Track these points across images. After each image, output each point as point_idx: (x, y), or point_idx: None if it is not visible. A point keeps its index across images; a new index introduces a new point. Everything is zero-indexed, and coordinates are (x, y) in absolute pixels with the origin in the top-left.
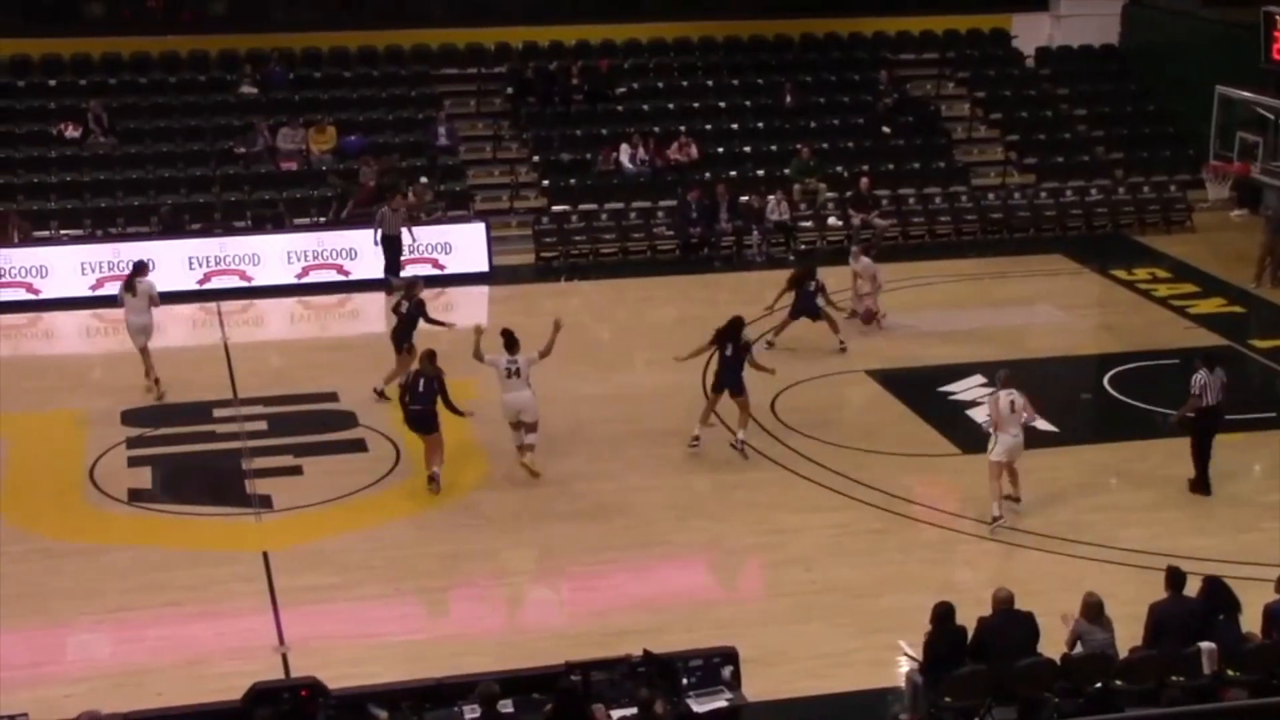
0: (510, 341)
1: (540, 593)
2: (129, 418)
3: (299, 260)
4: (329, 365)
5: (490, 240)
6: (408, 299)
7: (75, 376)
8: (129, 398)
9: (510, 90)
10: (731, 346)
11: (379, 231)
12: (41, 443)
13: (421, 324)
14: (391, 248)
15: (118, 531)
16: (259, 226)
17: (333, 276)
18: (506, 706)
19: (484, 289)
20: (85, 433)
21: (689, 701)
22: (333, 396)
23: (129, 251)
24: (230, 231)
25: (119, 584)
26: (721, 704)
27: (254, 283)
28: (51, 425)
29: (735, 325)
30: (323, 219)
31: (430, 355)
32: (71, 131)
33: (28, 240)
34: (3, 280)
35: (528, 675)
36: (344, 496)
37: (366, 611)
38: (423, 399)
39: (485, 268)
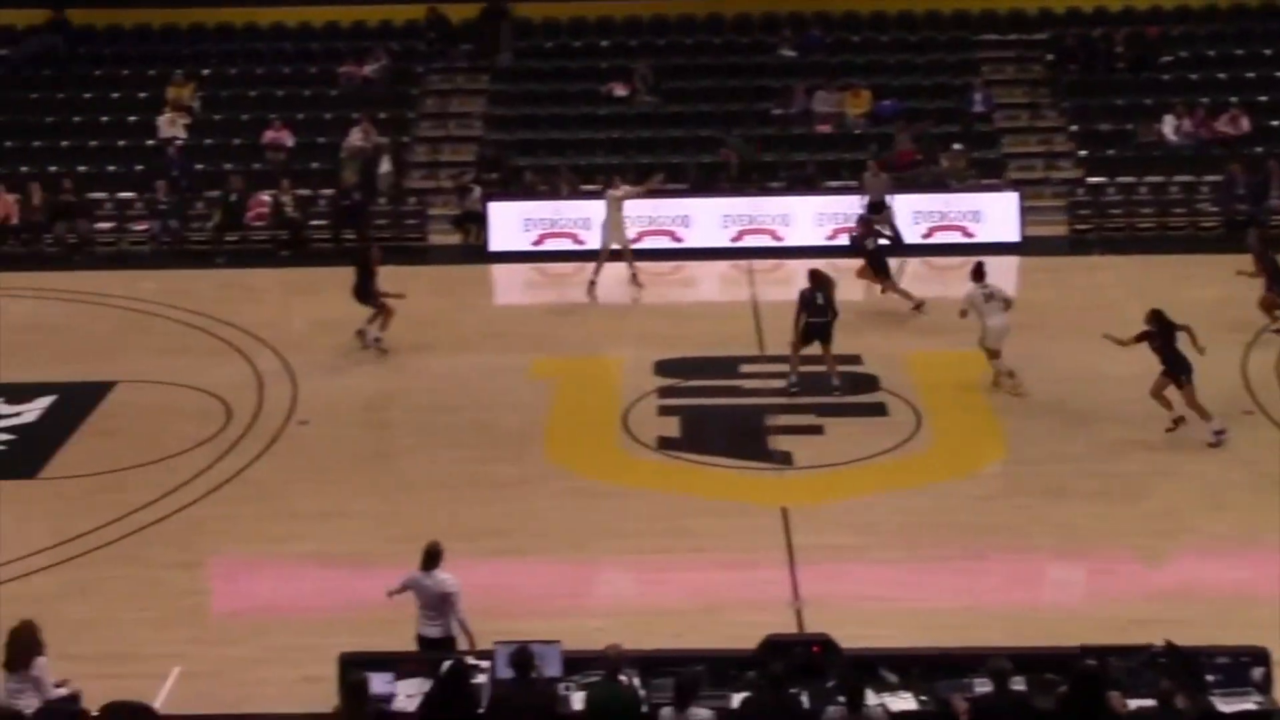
0: (978, 272)
1: (1057, 571)
2: (662, 368)
3: (829, 222)
4: (854, 328)
5: (1022, 210)
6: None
7: (614, 325)
8: (662, 348)
9: (1051, 57)
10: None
11: (865, 198)
12: (582, 387)
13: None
14: (875, 213)
15: (646, 476)
16: (792, 188)
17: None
18: (1018, 684)
19: (1013, 259)
20: (620, 380)
21: (1213, 699)
22: (856, 359)
23: (667, 207)
24: (764, 192)
25: (646, 527)
26: (1250, 706)
27: (784, 243)
28: (592, 371)
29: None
30: (854, 182)
31: (816, 272)
32: (619, 90)
33: (576, 194)
34: (552, 230)
35: (1041, 654)
36: (863, 459)
37: (880, 574)
38: (822, 311)
39: (1015, 238)
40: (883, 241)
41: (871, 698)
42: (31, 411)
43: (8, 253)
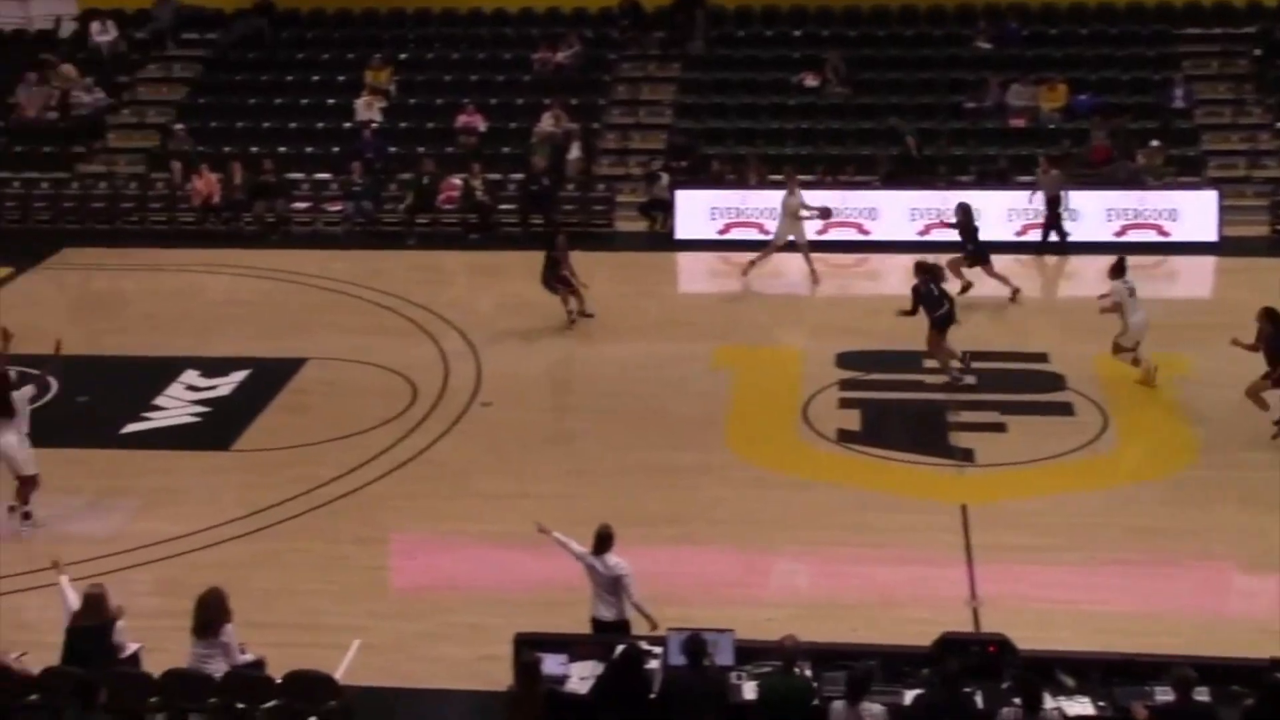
0: (1120, 268)
1: (1245, 581)
2: (844, 360)
3: (1017, 218)
4: (1042, 326)
5: (1221, 209)
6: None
7: (796, 315)
8: (845, 341)
9: (1258, 52)
10: None
11: (1038, 194)
12: (763, 377)
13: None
14: (1051, 210)
15: (825, 469)
16: (981, 182)
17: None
18: (1202, 694)
19: (1209, 260)
20: (801, 371)
21: None
22: (1043, 357)
23: (854, 199)
24: (953, 185)
25: (824, 519)
26: None
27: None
28: (773, 361)
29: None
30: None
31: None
32: (810, 80)
33: (763, 183)
34: (739, 220)
35: (1228, 665)
36: (1046, 459)
37: (1059, 576)
38: (940, 302)
39: (1213, 238)
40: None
41: (1048, 701)
42: (227, 385)
43: (209, 230)
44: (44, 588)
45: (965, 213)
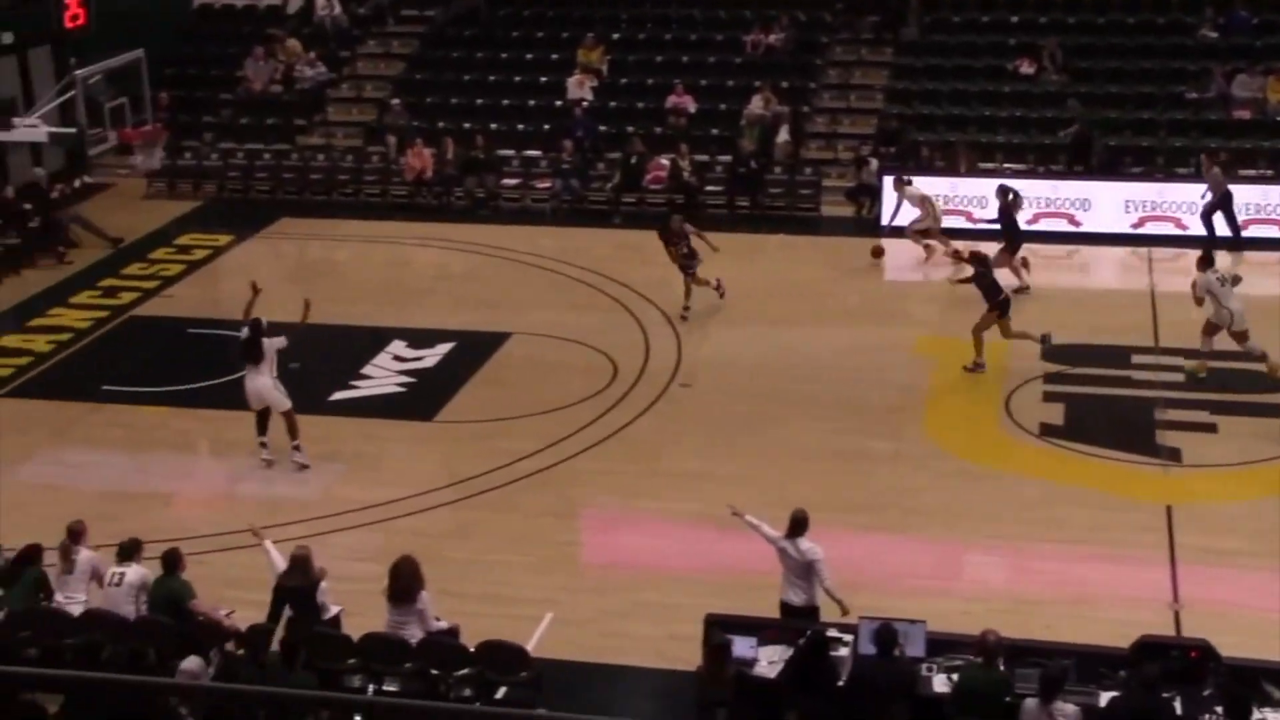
0: (1208, 259)
1: None
2: (1049, 354)
3: (1242, 212)
4: (1259, 326)
5: None
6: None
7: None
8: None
9: None
10: None
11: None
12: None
13: None
14: (1223, 209)
15: (1026, 463)
16: (1201, 175)
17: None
18: None
19: None
20: (1005, 363)
21: None
22: (1265, 358)
23: (1066, 190)
24: (1170, 178)
25: (1022, 514)
26: None
27: (1188, 231)
28: (973, 352)
29: None
30: (1270, 171)
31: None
32: (1026, 68)
33: (974, 171)
34: (947, 207)
35: None
36: (1258, 461)
37: (1270, 584)
38: (997, 289)
39: None
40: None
41: (1254, 713)
42: (432, 357)
43: (421, 204)
44: (251, 547)
45: (1004, 195)
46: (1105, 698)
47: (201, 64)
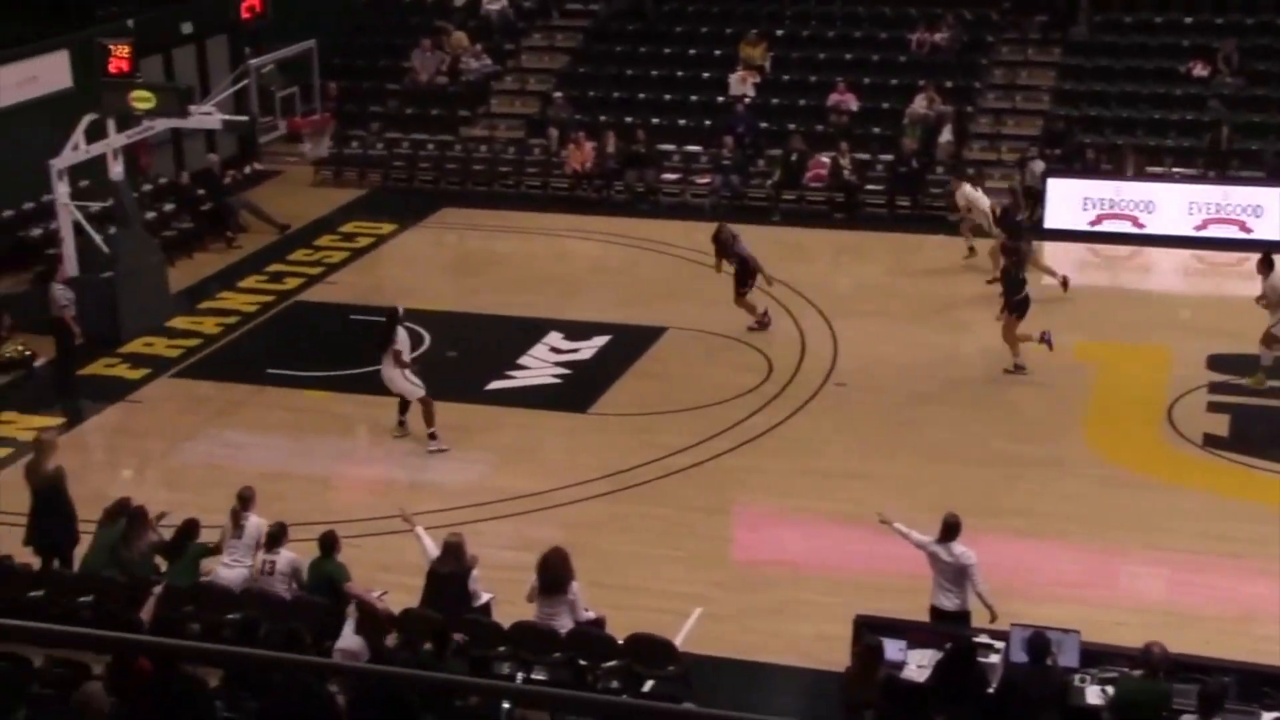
0: (1269, 262)
1: None
2: (1215, 363)
3: None
4: None
5: None
6: None
7: (1167, 313)
8: (1217, 342)
9: None
10: None
11: None
12: (1127, 374)
13: None
14: None
15: (1188, 473)
16: None
17: None
18: None
19: None
20: (1169, 371)
21: None
22: None
23: (1237, 196)
24: None
25: (1182, 525)
26: None
27: None
28: (1139, 358)
29: None
30: None
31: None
32: (1200, 70)
33: (1141, 174)
34: (1111, 211)
35: None
36: None
37: None
38: (1018, 286)
39: None
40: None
41: None
42: (588, 349)
43: (580, 197)
44: (404, 532)
45: (1015, 195)
46: (1268, 718)
47: (370, 55)
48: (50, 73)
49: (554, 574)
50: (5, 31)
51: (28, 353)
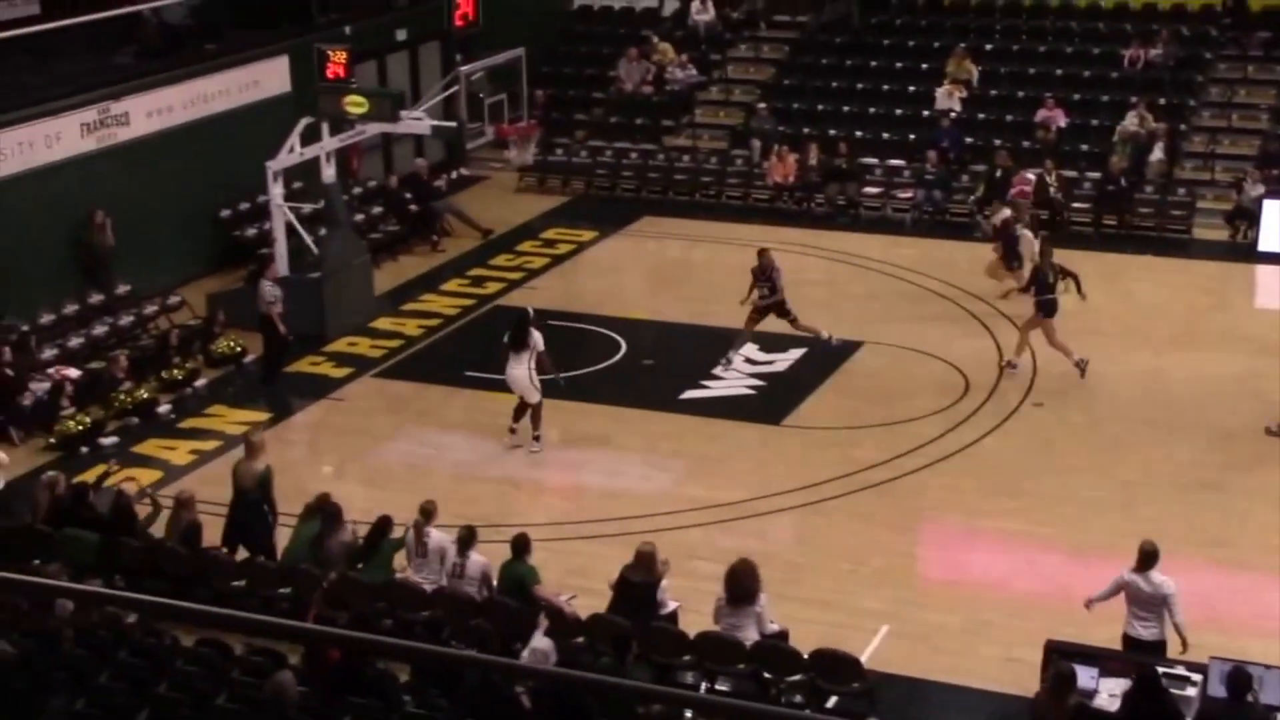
0: None
1: None
2: None
3: None
4: None
5: None
6: None
7: None
8: None
9: None
10: None
11: None
12: None
13: None
14: None
15: None
16: None
17: None
18: None
19: None
20: None
21: None
22: None
23: None
24: None
25: None
26: None
27: None
28: None
29: None
30: None
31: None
32: None
33: None
34: None
35: None
36: None
37: None
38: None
39: None
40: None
41: None
42: (783, 361)
43: (781, 209)
44: (597, 538)
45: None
46: None
47: (577, 63)
48: (270, 77)
49: (742, 585)
50: (231, 38)
51: (239, 349)
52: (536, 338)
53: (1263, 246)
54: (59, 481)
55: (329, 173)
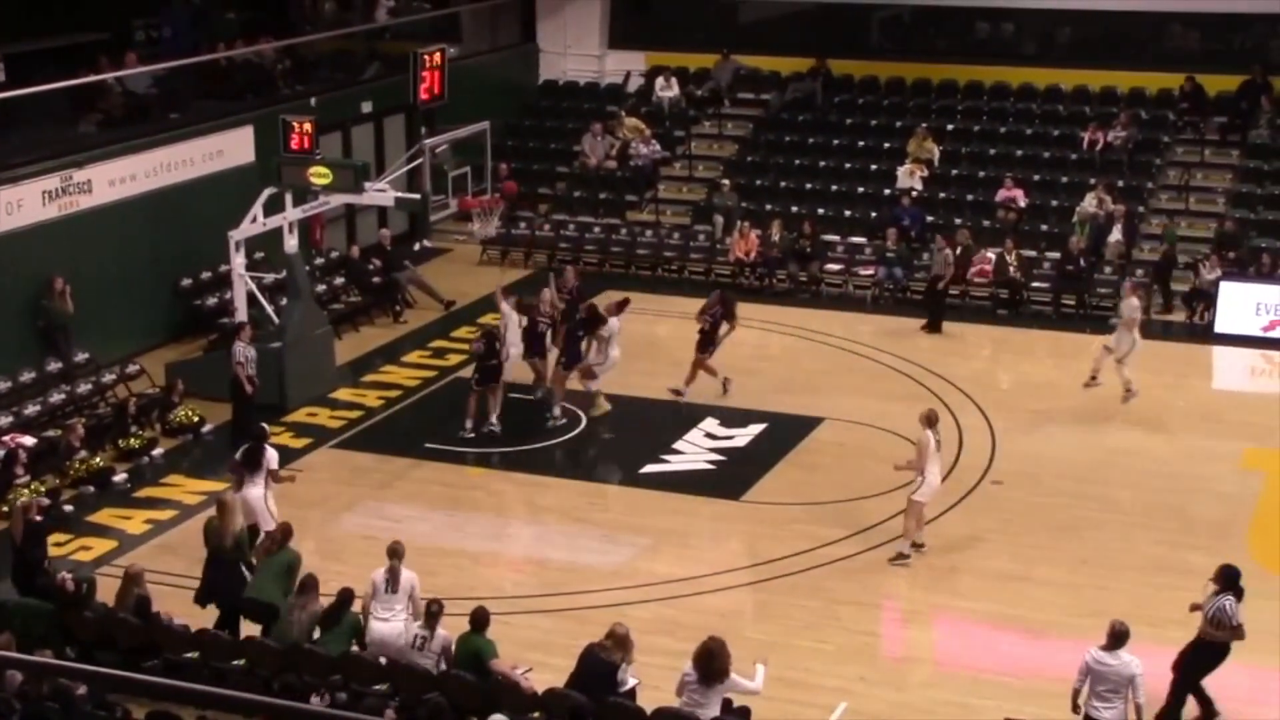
0: None
1: None
2: None
3: None
4: None
5: None
6: None
7: None
8: None
9: None
10: None
11: None
12: None
13: None
14: None
15: None
16: None
17: None
18: None
19: None
20: None
21: None
22: None
23: None
24: None
25: None
26: None
27: None
28: None
29: None
30: None
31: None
32: None
33: None
34: None
35: None
36: None
37: None
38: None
39: None
40: None
41: None
42: (743, 437)
43: (742, 285)
44: (556, 611)
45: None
46: None
47: (542, 137)
48: (235, 147)
49: (719, 664)
50: (196, 108)
51: (197, 418)
52: (271, 455)
53: (1219, 328)
54: (33, 506)
55: (291, 243)
